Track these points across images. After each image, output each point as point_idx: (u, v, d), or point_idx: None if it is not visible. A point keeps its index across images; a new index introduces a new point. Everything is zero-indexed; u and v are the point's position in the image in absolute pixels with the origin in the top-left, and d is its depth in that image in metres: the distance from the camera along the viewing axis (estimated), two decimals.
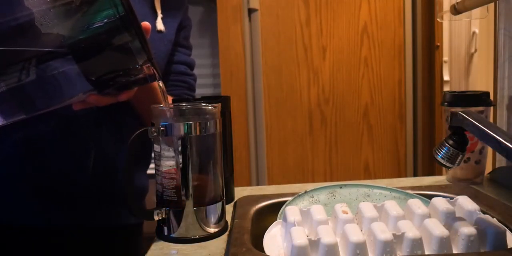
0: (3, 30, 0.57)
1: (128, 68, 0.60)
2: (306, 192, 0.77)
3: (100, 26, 0.57)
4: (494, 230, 0.59)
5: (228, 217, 0.74)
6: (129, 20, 0.56)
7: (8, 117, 0.60)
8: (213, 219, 0.69)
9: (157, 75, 0.62)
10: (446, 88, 1.76)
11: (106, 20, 0.56)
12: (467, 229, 0.59)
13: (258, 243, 0.64)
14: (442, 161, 0.66)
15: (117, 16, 0.55)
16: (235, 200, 0.83)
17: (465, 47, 1.79)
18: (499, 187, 0.86)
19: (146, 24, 0.66)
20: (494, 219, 0.62)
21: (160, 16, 0.90)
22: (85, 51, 0.58)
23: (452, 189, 0.82)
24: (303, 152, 1.83)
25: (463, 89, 1.79)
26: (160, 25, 0.90)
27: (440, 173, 1.69)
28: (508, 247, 0.59)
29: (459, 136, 0.65)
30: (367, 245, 0.57)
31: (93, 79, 0.60)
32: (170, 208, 0.67)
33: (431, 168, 1.82)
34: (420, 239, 0.57)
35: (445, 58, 1.77)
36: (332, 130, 1.82)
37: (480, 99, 0.86)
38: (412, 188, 0.82)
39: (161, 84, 0.65)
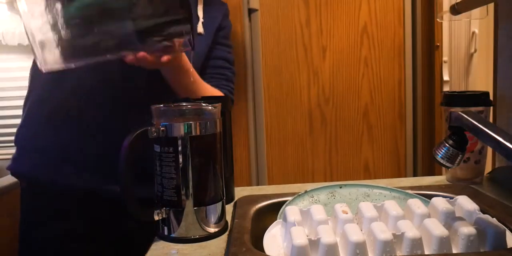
0: None
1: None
2: (306, 192, 0.77)
3: None
4: (494, 229, 0.59)
5: (228, 217, 0.74)
6: None
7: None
8: (213, 219, 0.69)
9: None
10: (446, 88, 1.76)
11: None
12: (467, 229, 0.59)
13: (258, 243, 0.64)
14: (442, 161, 0.66)
15: None
16: (235, 200, 0.83)
17: (465, 47, 1.79)
18: (499, 187, 0.86)
19: None
20: (494, 219, 0.62)
21: (201, 20, 1.03)
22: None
23: (452, 189, 0.82)
24: (303, 152, 1.82)
25: (463, 89, 1.78)
26: (200, 29, 1.03)
27: (440, 173, 1.69)
28: (508, 247, 0.59)
29: (459, 136, 0.65)
30: (367, 245, 0.57)
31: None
32: (170, 208, 0.67)
33: (431, 168, 1.81)
34: (420, 239, 0.57)
35: (445, 58, 1.77)
36: (332, 130, 1.82)
37: (480, 99, 0.86)
38: (412, 188, 0.82)
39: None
